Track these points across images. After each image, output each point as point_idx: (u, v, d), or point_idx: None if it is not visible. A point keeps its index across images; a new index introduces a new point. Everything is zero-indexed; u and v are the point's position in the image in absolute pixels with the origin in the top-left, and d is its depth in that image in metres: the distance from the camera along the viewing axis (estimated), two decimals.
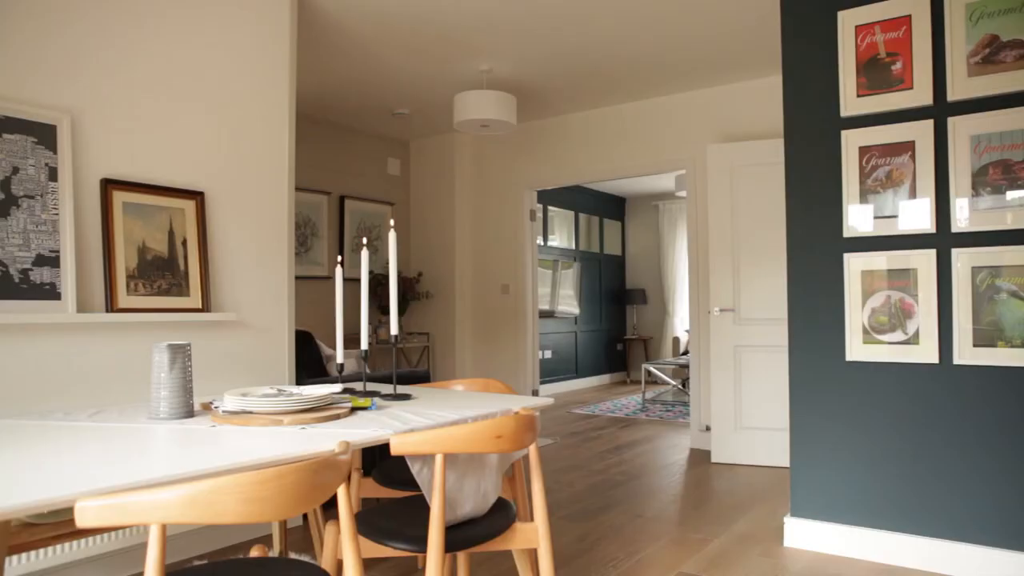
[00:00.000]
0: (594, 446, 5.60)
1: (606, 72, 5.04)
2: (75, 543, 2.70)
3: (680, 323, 10.14)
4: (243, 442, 1.63)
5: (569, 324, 9.45)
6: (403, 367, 6.59)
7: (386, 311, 6.27)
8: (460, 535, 1.85)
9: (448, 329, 6.66)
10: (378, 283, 6.21)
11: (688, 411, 7.34)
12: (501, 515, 2.03)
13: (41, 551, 2.61)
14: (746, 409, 4.85)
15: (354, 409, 2.06)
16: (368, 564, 2.94)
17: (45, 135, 2.65)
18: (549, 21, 4.14)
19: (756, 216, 4.83)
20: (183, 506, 1.15)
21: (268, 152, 3.44)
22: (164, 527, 1.17)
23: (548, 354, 8.93)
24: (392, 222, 2.25)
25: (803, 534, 3.18)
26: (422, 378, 4.08)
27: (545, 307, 8.94)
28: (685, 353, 9.05)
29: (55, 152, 2.67)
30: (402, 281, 6.25)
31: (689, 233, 5.49)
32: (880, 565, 2.96)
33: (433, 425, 1.85)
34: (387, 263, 6.60)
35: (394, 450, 1.71)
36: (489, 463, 2.01)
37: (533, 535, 2.02)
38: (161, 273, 2.97)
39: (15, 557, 2.50)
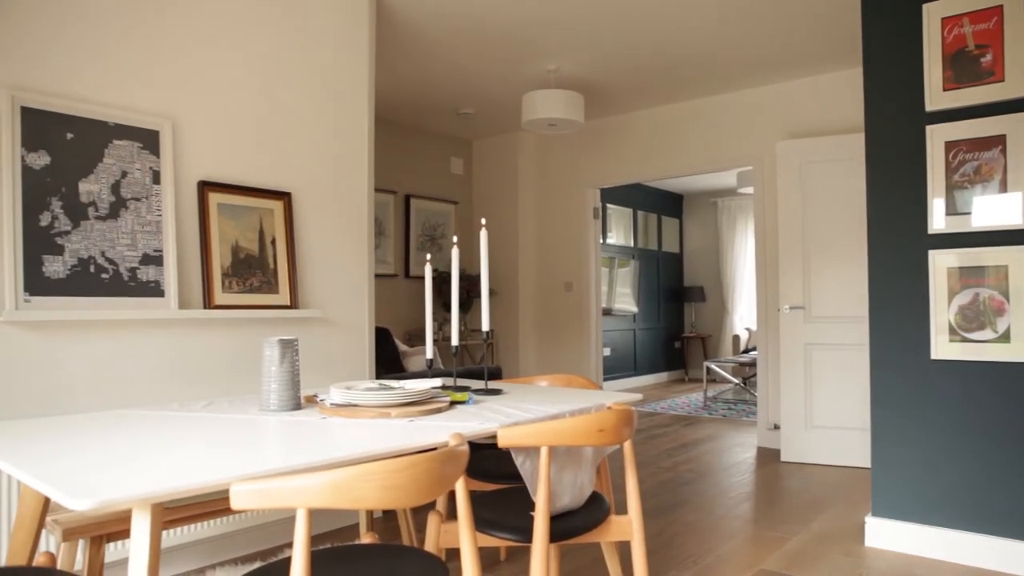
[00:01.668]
0: (659, 444, 5.59)
1: (672, 69, 5.02)
2: (182, 528, 2.82)
3: (740, 321, 10.03)
4: (356, 434, 1.70)
5: (627, 322, 9.43)
6: (466, 364, 6.68)
7: (450, 309, 6.35)
8: (560, 526, 1.90)
9: (511, 326, 6.73)
10: (443, 281, 6.30)
11: (751, 409, 7.27)
12: (596, 508, 2.07)
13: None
14: (817, 408, 4.79)
15: (452, 403, 2.12)
16: (449, 554, 3.01)
17: (149, 140, 2.78)
18: (616, 19, 4.15)
19: (827, 213, 4.76)
20: (327, 492, 1.22)
21: (349, 153, 3.54)
22: (309, 511, 1.24)
23: (607, 352, 8.92)
24: (484, 221, 2.30)
25: (885, 534, 3.14)
26: (494, 374, 4.14)
27: (602, 305, 8.94)
28: (746, 351, 8.95)
29: (158, 156, 2.81)
30: (465, 279, 6.33)
31: (756, 230, 5.44)
32: (965, 567, 2.91)
33: (536, 419, 1.90)
34: (451, 261, 6.69)
35: (501, 442, 1.76)
36: (585, 457, 2.05)
37: (627, 528, 2.05)
38: (252, 271, 3.08)
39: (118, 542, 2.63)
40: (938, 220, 3.01)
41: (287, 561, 1.56)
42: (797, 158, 4.86)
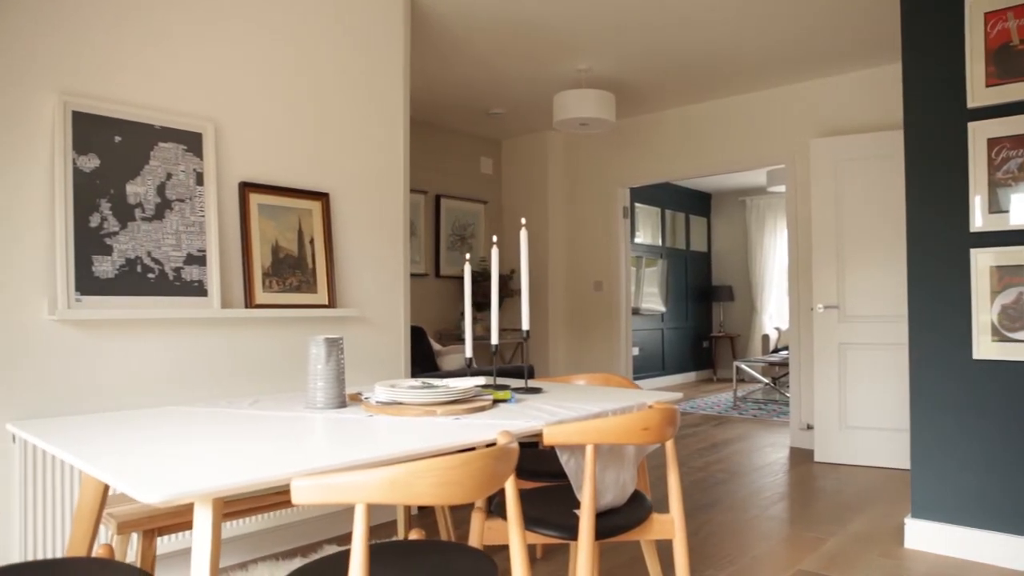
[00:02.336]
0: (690, 443, 5.57)
1: (704, 67, 5.00)
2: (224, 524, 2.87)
3: (769, 320, 9.95)
4: (404, 431, 1.72)
5: (655, 321, 9.40)
6: (497, 363, 6.70)
7: (482, 308, 6.39)
8: (604, 524, 1.91)
9: (541, 326, 6.74)
10: (473, 280, 6.33)
11: (782, 409, 7.22)
12: (638, 506, 2.08)
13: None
14: (851, 408, 4.74)
15: (495, 402, 2.14)
16: (488, 551, 3.03)
17: (193, 143, 2.84)
18: (647, 18, 4.15)
19: (862, 211, 4.71)
20: (385, 487, 1.25)
21: (385, 153, 3.57)
22: (368, 506, 1.26)
23: (635, 351, 8.90)
24: (524, 220, 2.32)
25: (925, 536, 3.11)
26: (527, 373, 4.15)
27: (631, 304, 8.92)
28: (776, 351, 8.88)
29: (201, 158, 2.86)
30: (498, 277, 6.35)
31: (789, 229, 5.40)
32: (1007, 570, 2.87)
33: (580, 417, 1.91)
34: (481, 260, 6.72)
35: (547, 440, 1.77)
36: (627, 455, 2.06)
37: (669, 526, 2.06)
38: (292, 271, 3.13)
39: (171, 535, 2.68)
40: (979, 218, 2.97)
41: (342, 555, 1.59)
42: (831, 156, 4.82)
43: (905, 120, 3.19)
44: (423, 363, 3.95)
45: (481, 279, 6.34)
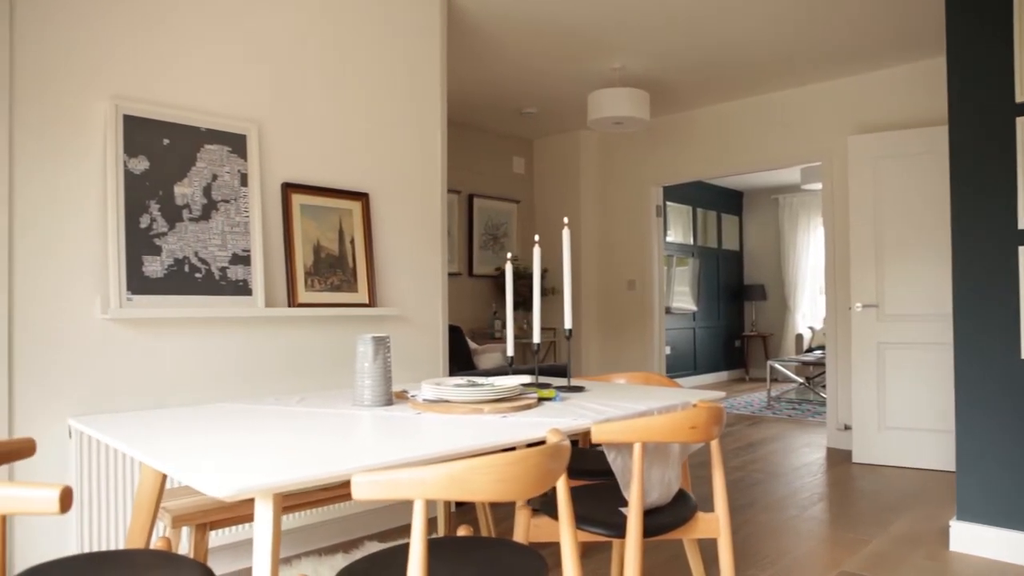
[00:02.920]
0: (726, 443, 5.54)
1: (739, 65, 4.97)
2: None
3: (802, 319, 9.84)
4: (453, 429, 1.74)
5: (687, 320, 9.35)
6: (529, 363, 6.71)
7: (514, 307, 6.40)
8: (650, 522, 1.91)
9: (574, 325, 6.74)
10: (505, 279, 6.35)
11: (816, 409, 7.14)
12: (683, 505, 2.08)
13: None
14: (891, 408, 4.68)
15: (540, 400, 2.15)
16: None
17: (237, 144, 2.89)
18: (682, 15, 4.13)
19: (902, 208, 4.65)
20: (443, 483, 1.26)
21: (423, 153, 3.60)
22: (426, 502, 1.28)
23: (667, 350, 8.86)
24: (566, 220, 2.33)
25: (971, 539, 3.06)
26: (561, 372, 4.16)
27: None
28: (810, 350, 8.78)
29: (245, 159, 2.91)
30: (528, 277, 6.36)
31: (826, 227, 5.34)
32: None
33: (627, 415, 1.91)
34: (514, 259, 6.73)
35: (594, 438, 1.78)
36: (672, 453, 2.06)
37: (715, 525, 2.06)
38: (333, 270, 3.17)
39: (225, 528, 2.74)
40: None
41: (395, 550, 1.61)
42: (870, 152, 4.76)
43: (950, 115, 3.14)
44: (460, 361, 3.97)
45: (515, 278, 6.35)
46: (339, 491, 2.36)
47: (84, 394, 2.48)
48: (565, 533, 1.56)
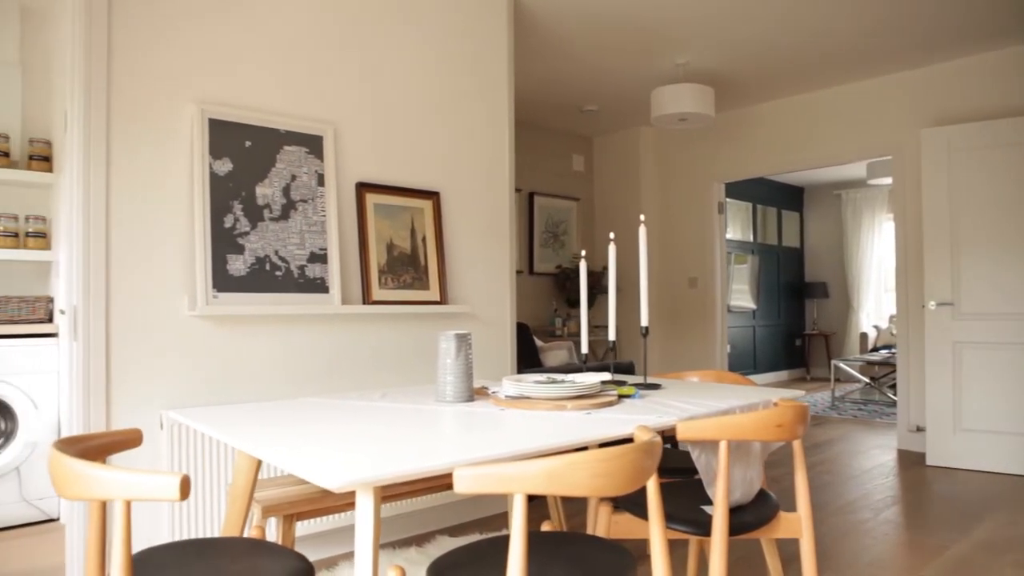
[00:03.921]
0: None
1: (805, 58, 4.87)
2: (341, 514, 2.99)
3: (867, 318, 9.59)
4: (539, 425, 1.76)
5: (746, 318, 9.21)
6: (590, 360, 6.71)
7: (574, 305, 6.40)
8: (733, 521, 1.90)
9: (634, 322, 6.70)
10: (567, 277, 6.35)
11: (883, 410, 6.96)
12: (764, 504, 2.06)
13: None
14: (968, 410, 4.54)
15: (620, 397, 2.15)
16: None
17: (314, 145, 2.96)
18: (748, 8, 4.07)
19: (980, 202, 4.50)
20: (542, 478, 1.28)
21: (491, 152, 3.63)
22: (526, 496, 1.30)
23: (727, 348, 8.75)
24: (643, 217, 2.32)
25: None
26: (626, 369, 4.15)
27: None
28: (875, 349, 8.56)
29: (322, 160, 2.98)
30: (589, 275, 6.35)
31: (896, 223, 5.20)
32: None
33: (711, 413, 1.91)
34: (574, 257, 6.73)
35: (680, 435, 1.78)
36: (754, 452, 2.04)
37: (797, 525, 2.03)
38: (405, 268, 3.22)
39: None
40: None
41: (487, 542, 1.64)
42: (945, 145, 4.62)
43: None
44: (528, 359, 4.00)
45: (575, 276, 6.35)
46: (416, 486, 2.41)
47: (172, 388, 2.58)
48: (655, 531, 1.56)
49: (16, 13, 3.57)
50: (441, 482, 2.42)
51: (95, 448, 1.56)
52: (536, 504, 3.77)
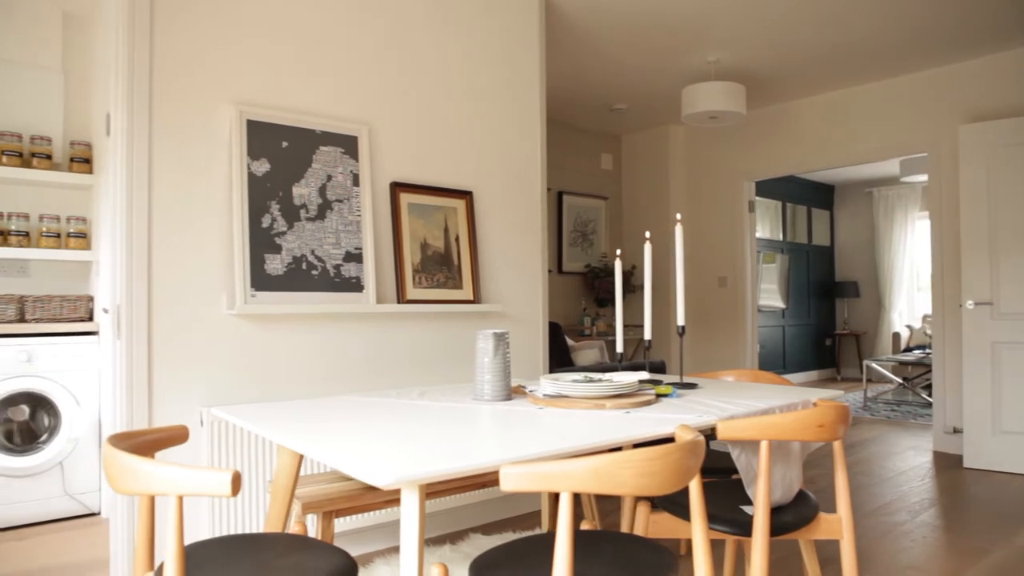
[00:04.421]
0: (823, 445, 5.38)
1: (839, 54, 4.81)
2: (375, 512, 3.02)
3: (899, 318, 9.45)
4: (579, 423, 1.76)
5: (776, 318, 9.12)
6: (616, 359, 6.68)
7: (602, 304, 6.39)
8: (774, 521, 1.89)
9: (663, 321, 6.67)
10: (595, 276, 6.34)
11: (917, 411, 6.86)
12: (805, 504, 2.04)
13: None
14: (1007, 412, 4.46)
15: (657, 396, 2.15)
16: None
17: (349, 146, 2.98)
18: (779, 5, 4.03)
19: (1020, 200, 4.41)
20: (589, 477, 1.28)
21: (523, 153, 3.64)
22: (572, 494, 1.30)
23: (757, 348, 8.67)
24: (679, 216, 2.32)
25: None
26: (658, 368, 4.13)
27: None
28: (908, 350, 8.43)
29: (357, 160, 3.00)
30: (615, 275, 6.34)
31: (932, 221, 5.12)
32: None
33: (751, 413, 1.90)
34: (602, 256, 6.72)
35: (721, 434, 1.77)
36: (793, 452, 2.02)
37: (837, 526, 2.01)
38: (439, 267, 3.24)
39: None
40: None
41: (528, 540, 1.64)
42: (984, 142, 4.54)
43: None
44: (559, 358, 4.00)
45: (603, 275, 6.33)
46: (452, 484, 2.42)
47: (210, 385, 2.62)
48: (698, 531, 1.55)
49: (59, 20, 3.65)
50: (477, 480, 2.44)
51: (145, 444, 1.59)
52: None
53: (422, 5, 3.28)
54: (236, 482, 1.27)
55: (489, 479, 2.47)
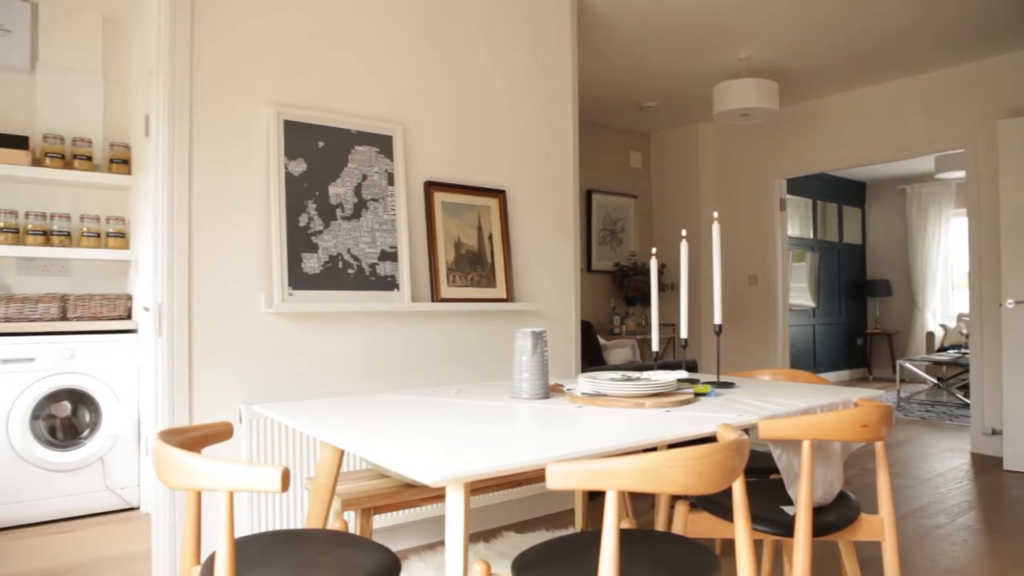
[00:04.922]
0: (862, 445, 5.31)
1: (874, 49, 4.74)
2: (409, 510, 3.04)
3: (932, 317, 9.30)
4: (620, 422, 1.76)
5: (806, 317, 9.02)
6: (646, 358, 6.66)
7: (632, 303, 6.37)
8: (816, 522, 1.87)
9: (693, 320, 6.63)
10: (624, 275, 6.32)
11: (952, 412, 6.74)
12: (845, 505, 2.02)
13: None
14: None
15: (696, 395, 2.14)
16: None
17: (384, 145, 3.00)
18: (811, 1, 3.98)
19: None
20: (636, 475, 1.28)
21: (556, 150, 3.64)
22: (618, 493, 1.30)
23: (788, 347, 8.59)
24: (716, 214, 2.30)
25: None
26: (691, 367, 4.11)
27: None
28: (943, 349, 8.30)
29: (391, 159, 3.02)
30: (645, 273, 6.31)
31: (970, 219, 5.03)
32: None
33: (792, 412, 1.88)
34: (632, 254, 6.69)
35: (762, 434, 1.76)
36: (834, 452, 2.00)
37: (879, 528, 1.99)
38: (472, 266, 3.25)
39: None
40: None
41: (569, 539, 1.64)
42: None
43: None
44: (591, 356, 4.00)
45: (633, 274, 6.31)
46: (489, 482, 2.43)
47: (249, 382, 2.65)
48: (741, 532, 1.55)
49: (99, 23, 3.71)
50: (514, 479, 2.44)
51: (192, 440, 1.62)
52: (597, 503, 3.77)
53: (456, 7, 3.29)
54: (286, 478, 1.28)
55: (526, 477, 2.47)
